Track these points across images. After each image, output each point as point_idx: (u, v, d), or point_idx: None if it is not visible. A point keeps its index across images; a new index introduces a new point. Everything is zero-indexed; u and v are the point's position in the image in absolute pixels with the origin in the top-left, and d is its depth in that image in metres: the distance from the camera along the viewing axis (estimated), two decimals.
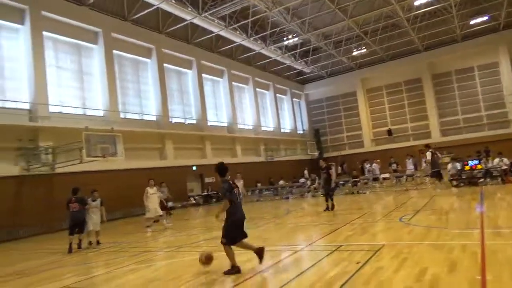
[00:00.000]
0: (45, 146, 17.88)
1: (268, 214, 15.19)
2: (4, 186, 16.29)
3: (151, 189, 13.61)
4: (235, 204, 6.22)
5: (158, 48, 25.94)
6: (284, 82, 41.35)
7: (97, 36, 22.36)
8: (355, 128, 41.69)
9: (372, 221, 10.10)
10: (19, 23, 18.82)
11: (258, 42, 32.01)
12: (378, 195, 18.47)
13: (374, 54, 37.52)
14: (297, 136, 41.89)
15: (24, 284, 7.06)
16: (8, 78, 18.23)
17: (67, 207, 11.06)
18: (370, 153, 34.86)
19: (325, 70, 41.76)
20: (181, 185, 25.49)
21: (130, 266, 7.64)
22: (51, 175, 18.03)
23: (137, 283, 6.17)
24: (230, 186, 6.29)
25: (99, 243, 11.44)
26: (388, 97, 40.04)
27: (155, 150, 24.94)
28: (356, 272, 5.21)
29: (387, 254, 6.19)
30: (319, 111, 44.56)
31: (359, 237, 8.04)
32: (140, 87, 25.23)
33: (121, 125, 21.11)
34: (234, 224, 6.19)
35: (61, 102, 20.20)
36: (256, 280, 5.59)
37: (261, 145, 34.97)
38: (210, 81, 31.56)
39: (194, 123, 28.73)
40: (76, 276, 7.38)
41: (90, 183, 18.28)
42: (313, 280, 5.07)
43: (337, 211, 13.82)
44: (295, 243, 8.41)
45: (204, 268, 6.40)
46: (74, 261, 9.16)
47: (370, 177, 22.54)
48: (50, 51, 20.05)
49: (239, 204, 6.34)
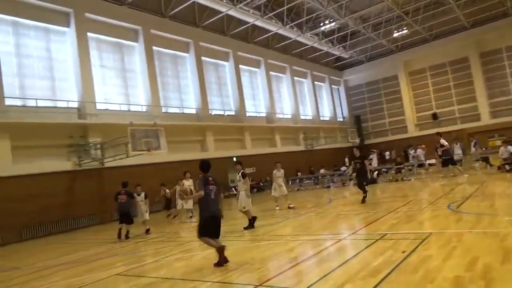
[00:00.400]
0: (94, 142, 18.83)
1: (309, 203, 15.13)
2: (58, 180, 17.37)
3: (187, 181, 14.02)
4: (206, 200, 6.35)
5: (195, 42, 26.34)
6: (322, 69, 40.65)
7: (137, 33, 23.06)
8: (397, 113, 40.32)
9: (418, 209, 9.77)
10: (65, 26, 19.80)
11: (294, 30, 31.62)
12: (424, 182, 17.82)
13: (416, 35, 35.91)
14: (337, 124, 41.20)
15: (79, 272, 7.53)
16: (58, 79, 19.31)
17: (115, 199, 11.79)
18: (414, 139, 33.64)
19: (364, 55, 40.55)
20: (222, 176, 25.92)
21: (176, 255, 7.93)
22: (100, 169, 18.98)
23: (185, 271, 6.39)
24: (206, 180, 6.44)
25: (148, 232, 12.01)
26: (433, 79, 38.28)
27: (196, 143, 25.50)
28: (402, 261, 5.09)
29: (434, 242, 5.99)
30: (359, 97, 43.48)
31: (404, 225, 7.82)
32: (180, 81, 25.81)
33: (163, 119, 21.79)
34: (204, 221, 6.37)
35: (107, 100, 21.13)
36: (298, 269, 5.61)
37: (300, 134, 34.74)
38: (247, 72, 31.66)
39: (233, 115, 29.03)
40: (126, 264, 7.77)
41: (136, 176, 19.11)
42: (357, 269, 5.02)
43: (381, 199, 13.52)
44: (337, 232, 8.33)
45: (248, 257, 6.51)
46: (124, 250, 9.65)
47: (415, 163, 21.76)
48: (95, 51, 20.95)
49: (212, 201, 6.42)
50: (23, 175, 16.23)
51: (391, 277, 4.52)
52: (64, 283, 6.85)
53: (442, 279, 4.23)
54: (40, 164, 17.09)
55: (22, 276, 8.04)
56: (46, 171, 17.03)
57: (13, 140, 16.49)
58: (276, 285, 4.98)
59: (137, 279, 6.35)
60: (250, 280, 5.33)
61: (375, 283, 4.35)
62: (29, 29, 18.59)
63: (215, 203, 6.49)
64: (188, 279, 5.80)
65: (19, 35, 18.24)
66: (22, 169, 16.42)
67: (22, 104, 17.71)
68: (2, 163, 15.94)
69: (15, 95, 17.50)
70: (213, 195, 6.48)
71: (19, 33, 18.26)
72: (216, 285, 5.32)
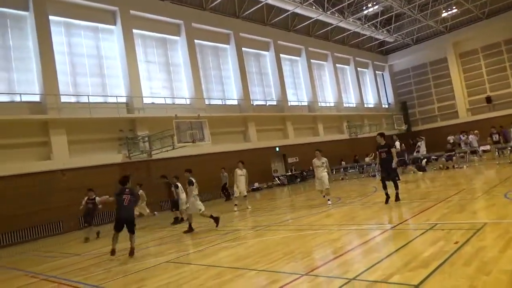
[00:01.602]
0: (142, 135, 19.61)
1: (354, 193, 14.87)
2: (110, 172, 18.26)
3: (240, 170, 14.35)
4: (118, 206, 8.27)
5: (235, 33, 26.47)
6: (365, 55, 39.43)
7: (179, 28, 23.57)
8: (447, 98, 38.33)
9: (471, 198, 9.30)
10: (112, 24, 20.64)
11: (335, 16, 30.85)
12: (478, 169, 16.90)
13: (467, 14, 33.82)
14: (382, 111, 39.91)
15: (131, 259, 7.94)
16: (107, 76, 20.24)
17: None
18: (466, 124, 31.84)
19: (410, 38, 38.82)
20: (266, 166, 26.09)
21: (222, 244, 8.13)
22: (148, 161, 19.77)
23: (230, 260, 6.54)
24: (120, 191, 8.40)
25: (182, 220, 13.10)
26: (486, 60, 35.89)
27: (239, 133, 25.79)
28: (455, 252, 4.88)
29: (490, 233, 5.69)
30: (405, 82, 41.77)
31: (457, 215, 7.48)
32: (221, 73, 26.14)
33: (206, 111, 22.28)
34: (116, 221, 8.42)
35: (153, 94, 21.88)
36: (344, 259, 5.56)
37: (344, 122, 34.08)
38: (288, 61, 31.40)
39: (274, 104, 28.99)
40: (175, 252, 8.08)
41: (181, 167, 19.68)
42: (406, 260, 4.88)
43: (430, 188, 13.00)
44: (384, 222, 8.13)
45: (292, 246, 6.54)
46: (172, 239, 10.02)
47: (467, 150, 20.65)
48: (140, 47, 21.71)
49: (124, 207, 8.23)
50: (79, 168, 17.31)
51: (443, 269, 4.35)
52: (120, 269, 7.25)
53: (499, 272, 4.02)
54: (94, 157, 18.12)
55: (81, 262, 8.62)
56: (99, 163, 18.02)
57: (69, 135, 17.58)
58: (322, 274, 4.98)
59: (186, 266, 6.60)
60: (296, 269, 5.36)
61: (426, 275, 4.21)
62: (79, 29, 19.59)
63: (127, 209, 8.27)
64: (235, 267, 5.93)
65: (71, 35, 19.29)
66: (78, 162, 17.52)
67: (75, 100, 18.78)
68: (60, 156, 17.08)
69: (69, 93, 18.58)
70: (126, 202, 8.26)
71: (71, 33, 19.30)
72: (263, 273, 5.40)
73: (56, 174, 16.74)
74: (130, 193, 8.50)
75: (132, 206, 8.56)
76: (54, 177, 16.64)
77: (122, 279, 6.43)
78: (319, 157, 12.10)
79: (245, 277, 5.38)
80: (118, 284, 6.15)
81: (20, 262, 10.22)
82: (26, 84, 17.38)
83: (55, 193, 16.24)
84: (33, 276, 7.86)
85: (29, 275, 8.04)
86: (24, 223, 15.42)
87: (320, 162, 12.05)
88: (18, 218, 15.18)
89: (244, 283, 5.11)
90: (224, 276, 5.54)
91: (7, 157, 15.85)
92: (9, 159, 15.84)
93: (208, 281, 5.41)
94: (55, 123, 17.21)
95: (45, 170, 16.46)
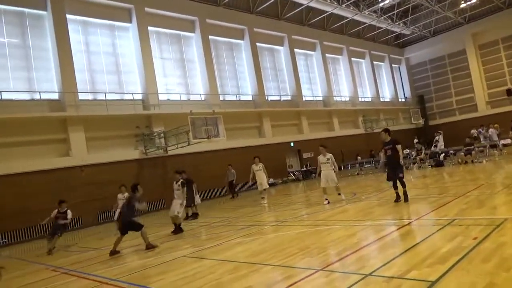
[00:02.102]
0: (157, 132, 19.82)
1: (370, 188, 14.74)
2: (128, 168, 18.58)
3: (256, 166, 14.66)
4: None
5: (250, 29, 26.43)
6: (381, 48, 38.85)
7: (194, 24, 23.67)
8: (466, 91, 37.50)
9: (491, 193, 9.11)
10: (128, 22, 20.87)
11: (350, 9, 30.48)
12: (498, 164, 16.52)
13: (487, 4, 32.96)
14: (399, 105, 39.33)
15: (149, 253, 8.08)
16: (124, 73, 20.51)
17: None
18: (485, 117, 31.10)
19: (427, 30, 38.03)
20: (281, 161, 26.07)
21: (237, 239, 8.18)
22: (164, 157, 19.99)
23: (246, 255, 6.59)
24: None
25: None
26: (506, 52, 34.91)
27: (254, 129, 25.81)
28: (473, 248, 4.80)
29: (510, 229, 5.56)
30: (422, 75, 41.01)
31: (476, 210, 7.34)
32: (236, 68, 26.16)
33: (221, 107, 22.36)
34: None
35: (168, 90, 22.07)
36: (360, 254, 5.53)
37: (359, 116, 33.75)
38: (303, 56, 31.20)
39: (289, 100, 28.89)
40: (192, 247, 8.18)
41: (197, 163, 19.93)
42: (423, 256, 4.83)
43: (448, 183, 12.79)
44: (401, 218, 8.04)
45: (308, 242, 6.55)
46: (187, 234, 10.13)
47: (487, 144, 20.19)
48: (155, 44, 21.90)
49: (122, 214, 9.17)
50: (97, 164, 17.65)
51: (461, 265, 4.29)
52: (138, 263, 7.39)
53: None
54: (111, 153, 18.44)
55: (99, 256, 8.80)
56: (116, 159, 18.32)
57: (86, 132, 17.91)
58: (338, 270, 4.97)
59: (203, 261, 6.67)
60: (312, 264, 5.36)
61: (443, 271, 4.15)
62: (96, 27, 19.87)
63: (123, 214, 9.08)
64: (250, 262, 5.97)
65: (88, 33, 19.59)
66: (96, 158, 17.85)
67: (93, 98, 19.10)
68: (79, 152, 17.44)
69: (87, 90, 18.91)
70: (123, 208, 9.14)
71: (88, 31, 19.60)
72: (278, 269, 5.42)
73: (75, 170, 17.10)
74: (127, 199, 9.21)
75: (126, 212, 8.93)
76: (73, 173, 17.00)
77: (140, 273, 6.55)
78: (324, 153, 11.40)
79: (261, 272, 5.41)
80: (137, 277, 6.26)
81: (42, 256, 10.50)
82: (46, 82, 17.78)
83: (74, 189, 16.58)
84: (54, 270, 8.07)
85: (49, 269, 8.26)
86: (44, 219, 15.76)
87: (325, 158, 11.35)
88: (38, 214, 15.49)
89: (259, 278, 5.14)
90: (239, 271, 5.58)
91: (27, 154, 16.26)
92: (29, 156, 16.25)
93: (224, 276, 5.46)
94: (73, 120, 17.56)
95: (64, 167, 16.83)
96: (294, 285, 4.60)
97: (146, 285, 5.72)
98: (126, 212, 8.90)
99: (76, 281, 6.72)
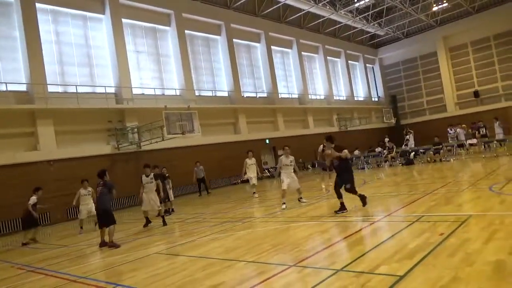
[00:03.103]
0: (131, 126, 19.43)
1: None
2: (100, 163, 17.95)
3: (250, 160, 14.96)
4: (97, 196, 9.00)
5: (227, 24, 26.25)
6: (356, 48, 39.50)
7: (169, 18, 23.28)
8: (436, 92, 38.70)
9: (458, 191, 9.46)
10: (101, 13, 20.28)
11: (327, 8, 30.80)
12: (464, 162, 17.17)
13: (457, 8, 34.06)
14: (372, 104, 40.16)
15: (120, 251, 7.92)
16: (96, 66, 19.93)
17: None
18: (454, 118, 32.22)
19: (400, 31, 38.96)
20: (256, 158, 26.02)
21: (211, 235, 8.15)
22: (137, 152, 19.62)
23: (219, 251, 6.58)
24: (97, 184, 8.95)
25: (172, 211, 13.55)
26: (475, 55, 36.23)
27: (229, 125, 25.71)
28: (439, 244, 4.98)
29: (475, 225, 5.80)
30: (395, 76, 42.01)
31: (443, 207, 7.61)
32: (212, 64, 25.95)
33: (196, 102, 22.14)
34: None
35: (142, 84, 21.64)
36: (332, 250, 5.63)
37: (334, 115, 34.22)
38: (279, 53, 31.30)
39: (265, 97, 28.94)
40: (164, 244, 8.08)
41: (171, 159, 19.66)
42: (391, 252, 4.96)
43: (417, 181, 13.18)
44: (372, 214, 8.23)
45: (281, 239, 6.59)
46: (161, 230, 10.01)
47: (454, 144, 20.94)
48: (129, 37, 21.41)
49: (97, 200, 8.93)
50: (67, 159, 17.13)
51: (428, 260, 4.44)
52: (109, 260, 7.24)
53: (482, 263, 4.11)
54: (82, 148, 17.92)
55: (69, 253, 8.57)
56: (87, 154, 17.82)
57: (56, 126, 17.32)
58: (310, 265, 5.03)
59: (175, 258, 6.61)
60: (285, 260, 5.41)
61: (411, 265, 4.29)
62: (67, 17, 19.20)
63: (99, 200, 8.81)
64: (224, 259, 5.96)
65: (58, 23, 18.90)
66: (66, 152, 17.31)
67: (63, 90, 18.48)
68: (48, 147, 16.86)
69: (57, 82, 18.27)
70: (98, 193, 8.81)
71: (58, 21, 18.91)
72: (251, 265, 5.44)
73: (43, 165, 16.53)
74: (102, 185, 8.84)
75: (104, 198, 8.72)
76: (42, 168, 16.43)
77: (111, 270, 6.42)
78: (287, 155, 10.73)
79: (234, 268, 5.42)
80: (108, 274, 6.14)
81: (7, 254, 10.12)
82: (13, 73, 17.03)
83: (42, 184, 15.94)
84: (19, 268, 7.79)
85: (15, 267, 7.97)
86: (10, 214, 15.18)
87: (289, 160, 10.74)
88: (4, 209, 14.97)
89: (232, 274, 5.14)
90: (213, 267, 5.57)
91: None
92: None
93: (197, 272, 5.43)
94: (42, 113, 16.93)
95: (32, 161, 16.24)
96: (267, 281, 4.63)
97: (116, 283, 5.62)
98: (104, 198, 8.67)
99: (43, 279, 6.51)
